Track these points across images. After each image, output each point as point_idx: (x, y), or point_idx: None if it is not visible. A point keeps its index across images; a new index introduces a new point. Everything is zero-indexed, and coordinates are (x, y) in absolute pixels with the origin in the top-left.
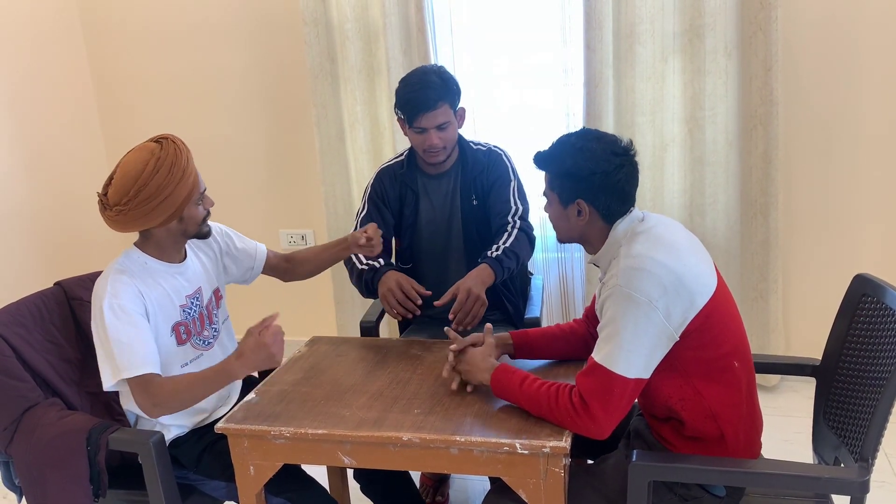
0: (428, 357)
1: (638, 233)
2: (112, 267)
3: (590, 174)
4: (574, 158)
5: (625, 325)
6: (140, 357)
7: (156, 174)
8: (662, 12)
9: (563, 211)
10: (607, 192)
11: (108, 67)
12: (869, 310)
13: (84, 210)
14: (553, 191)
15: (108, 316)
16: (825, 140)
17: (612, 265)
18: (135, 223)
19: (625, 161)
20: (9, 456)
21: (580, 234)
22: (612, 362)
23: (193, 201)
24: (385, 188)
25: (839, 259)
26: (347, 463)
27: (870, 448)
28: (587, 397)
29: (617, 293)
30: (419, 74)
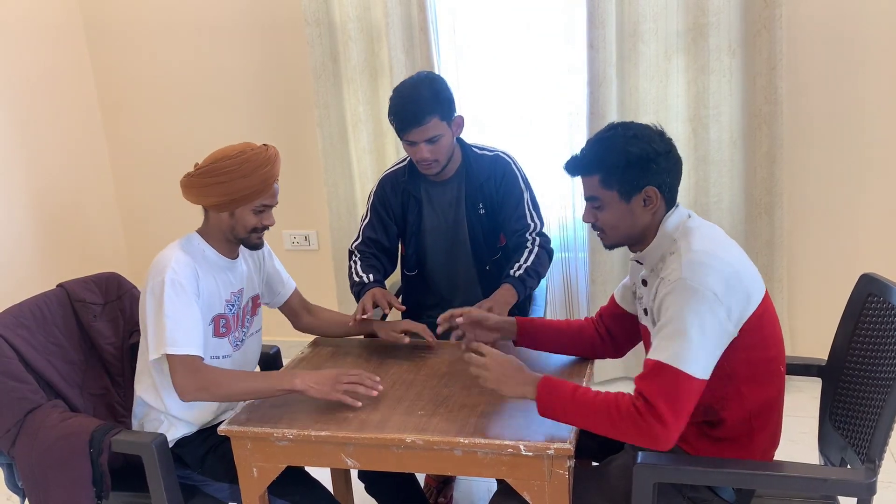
0: (431, 358)
1: (691, 228)
2: (175, 246)
3: (654, 156)
4: (634, 145)
5: (691, 322)
6: (189, 337)
7: (231, 159)
8: (666, 11)
9: (626, 207)
10: (670, 173)
11: (111, 68)
12: (875, 309)
13: (87, 212)
14: (610, 189)
15: (168, 289)
16: (830, 139)
17: (669, 260)
18: (192, 191)
19: (671, 143)
20: (11, 458)
21: (643, 228)
22: (680, 361)
23: (251, 206)
24: (387, 195)
25: (845, 258)
26: (351, 465)
27: (877, 449)
28: (653, 400)
29: (680, 287)
30: (410, 88)
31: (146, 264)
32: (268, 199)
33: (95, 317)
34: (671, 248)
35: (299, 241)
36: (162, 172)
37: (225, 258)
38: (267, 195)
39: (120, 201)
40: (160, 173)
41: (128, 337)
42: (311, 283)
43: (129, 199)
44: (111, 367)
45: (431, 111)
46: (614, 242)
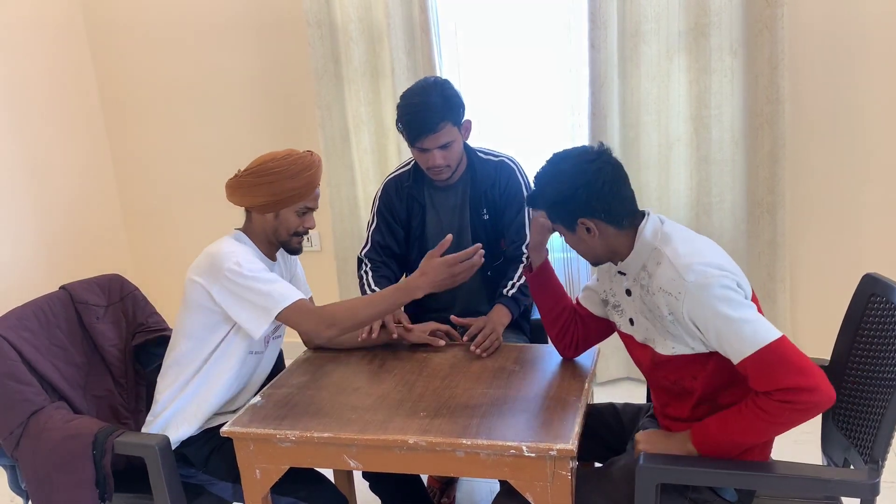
0: (434, 359)
1: (669, 234)
2: (229, 239)
3: (572, 192)
4: (552, 186)
5: (729, 307)
6: (289, 289)
7: (278, 160)
8: (667, 11)
9: (573, 237)
10: (598, 199)
11: (113, 70)
12: (878, 310)
13: (90, 214)
14: (556, 223)
15: (249, 266)
16: (832, 138)
17: (658, 271)
18: (241, 192)
19: (600, 165)
20: (15, 460)
21: (603, 249)
22: (760, 339)
23: (295, 207)
24: (392, 199)
25: (847, 258)
26: (353, 466)
27: (880, 449)
28: (786, 383)
29: (693, 291)
30: (420, 93)
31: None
32: (311, 201)
33: (98, 319)
34: (655, 258)
35: None
36: (164, 174)
37: (267, 259)
38: (310, 197)
39: (123, 203)
40: (163, 175)
41: (130, 339)
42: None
43: (131, 200)
44: (114, 369)
45: (444, 117)
46: (592, 262)
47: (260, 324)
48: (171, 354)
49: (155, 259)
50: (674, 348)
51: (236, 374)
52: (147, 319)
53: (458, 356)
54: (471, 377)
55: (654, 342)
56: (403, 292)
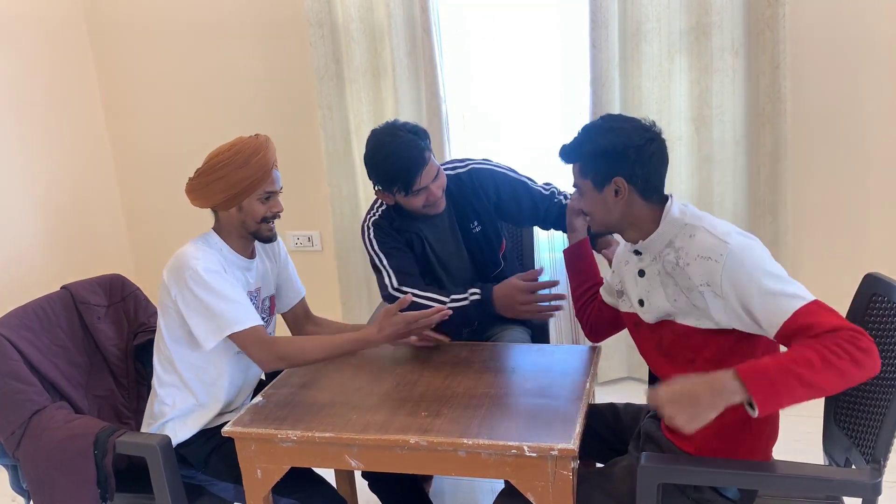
0: (435, 358)
1: (699, 214)
2: (195, 242)
3: (623, 149)
4: (605, 137)
5: (772, 268)
6: (247, 312)
7: (223, 154)
8: (669, 10)
9: (598, 196)
10: (642, 165)
11: (114, 69)
12: (879, 309)
13: (91, 213)
14: (586, 177)
15: (207, 276)
16: (834, 137)
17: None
18: (197, 194)
19: (654, 135)
20: (16, 459)
21: (620, 216)
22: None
23: (256, 195)
24: (390, 234)
25: (849, 258)
26: (354, 466)
27: (882, 449)
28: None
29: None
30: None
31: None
32: (269, 185)
33: (100, 318)
34: (686, 232)
35: (303, 241)
36: (166, 174)
37: (242, 257)
38: (267, 182)
39: (124, 202)
40: (164, 174)
41: (132, 338)
42: (315, 284)
43: (133, 200)
44: (115, 369)
45: (427, 148)
46: (598, 229)
47: (210, 338)
48: (159, 357)
49: (156, 259)
50: (697, 321)
51: (230, 376)
52: (148, 319)
53: (459, 356)
54: (472, 377)
55: (674, 315)
56: (357, 343)
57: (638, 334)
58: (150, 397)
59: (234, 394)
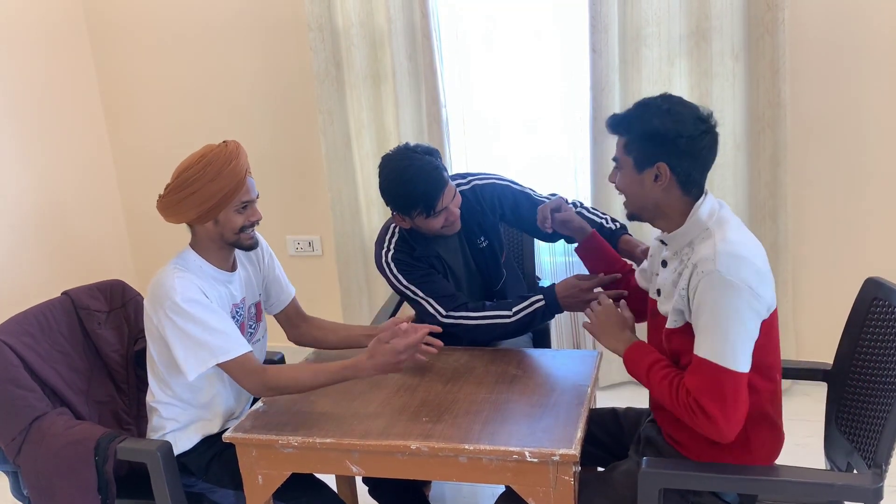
0: (436, 364)
1: (725, 219)
2: (172, 266)
3: (676, 136)
4: (661, 119)
5: (727, 315)
6: (233, 340)
7: (193, 168)
8: (668, 15)
9: (637, 176)
10: (690, 157)
11: (115, 74)
12: (880, 314)
13: (91, 219)
14: (629, 154)
15: (189, 307)
16: (834, 142)
17: (700, 247)
18: (169, 211)
19: (709, 128)
20: (17, 466)
21: (654, 203)
22: (719, 357)
23: (232, 206)
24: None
25: (850, 262)
26: (356, 472)
27: (883, 454)
28: (698, 397)
29: (717, 280)
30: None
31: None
32: (244, 194)
33: (100, 324)
34: (704, 236)
35: (303, 246)
36: (166, 179)
37: (221, 271)
38: (242, 191)
39: (124, 208)
40: (164, 180)
41: (132, 344)
42: (316, 288)
43: (133, 206)
44: (116, 375)
45: (442, 167)
46: (631, 211)
47: (194, 369)
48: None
49: (157, 264)
50: (675, 320)
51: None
52: None
53: (460, 361)
54: (473, 382)
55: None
56: (349, 371)
57: (653, 324)
58: (147, 412)
59: (234, 405)
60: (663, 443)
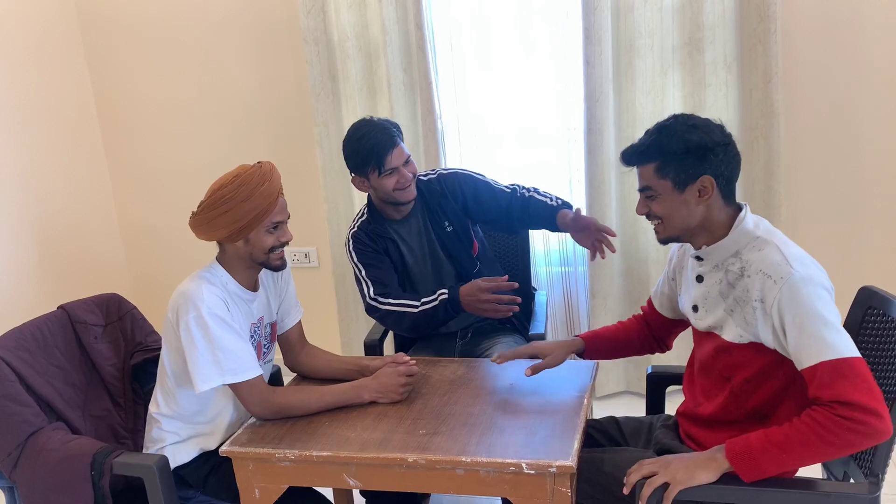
0: (433, 375)
1: (773, 230)
2: (201, 276)
3: (713, 145)
4: (692, 133)
5: (825, 310)
6: (247, 363)
7: (227, 186)
8: (661, 26)
9: (679, 197)
10: (729, 164)
11: (111, 86)
12: (875, 323)
13: (88, 232)
14: (665, 178)
15: (211, 323)
16: (827, 151)
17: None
18: (201, 229)
19: (730, 135)
20: (13, 481)
21: (700, 220)
22: (843, 350)
23: (263, 227)
24: (367, 244)
25: (844, 271)
26: (353, 485)
27: (880, 463)
28: (854, 399)
29: (798, 282)
30: (365, 127)
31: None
32: (277, 215)
33: (97, 338)
34: (757, 245)
35: (299, 258)
36: (163, 192)
37: (245, 290)
38: (275, 211)
39: (121, 222)
40: (161, 193)
41: (129, 358)
42: (312, 300)
43: (129, 219)
44: (112, 389)
45: (399, 135)
46: (669, 235)
47: (205, 382)
48: (162, 385)
49: (153, 278)
50: (741, 336)
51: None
52: (145, 338)
53: (456, 373)
54: (469, 394)
55: (721, 329)
56: (353, 392)
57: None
58: (147, 421)
59: (236, 422)
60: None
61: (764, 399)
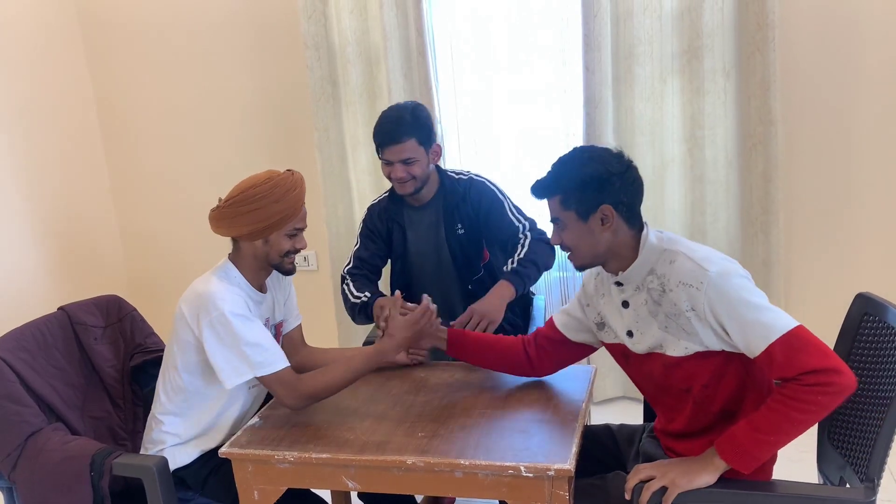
0: (431, 379)
1: (673, 238)
2: (217, 277)
3: (608, 176)
4: (588, 166)
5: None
6: (274, 354)
7: (259, 187)
8: (661, 34)
9: (584, 226)
10: (626, 192)
11: (111, 92)
12: (871, 329)
13: (88, 234)
14: (568, 209)
15: (234, 321)
16: (825, 158)
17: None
18: (223, 223)
19: (630, 162)
20: (12, 482)
21: (606, 246)
22: (782, 326)
23: (284, 230)
24: (374, 222)
25: (841, 278)
26: (352, 487)
27: (876, 468)
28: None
29: (716, 280)
30: (395, 110)
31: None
32: (299, 221)
33: (96, 339)
34: (666, 258)
35: (298, 261)
36: (162, 195)
37: (256, 291)
38: (298, 218)
39: (120, 224)
40: (161, 196)
41: (128, 359)
42: (311, 303)
43: (129, 221)
44: (112, 390)
45: (410, 133)
46: (582, 263)
47: (235, 378)
48: (166, 384)
49: (152, 279)
50: (686, 348)
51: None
52: (145, 340)
53: (455, 376)
54: (468, 397)
55: (663, 347)
56: (375, 357)
57: (628, 365)
58: (148, 422)
59: (239, 423)
60: (664, 457)
61: (727, 398)
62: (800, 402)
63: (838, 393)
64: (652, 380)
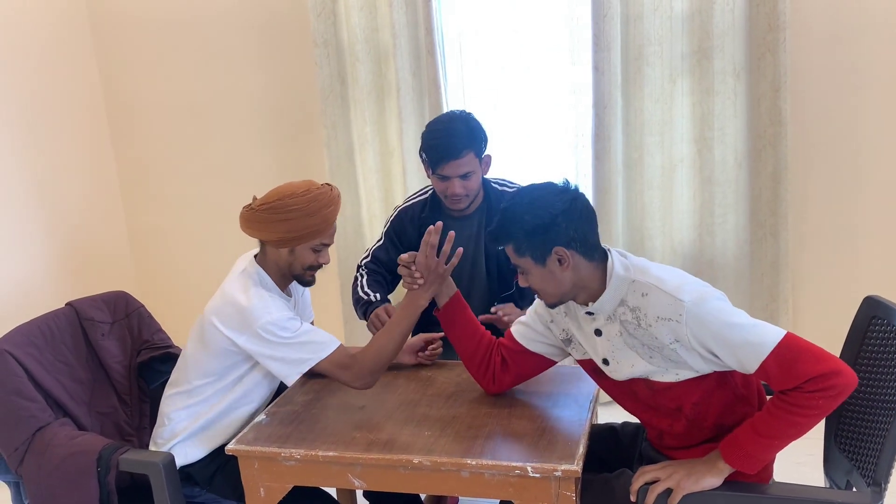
0: (438, 378)
1: (639, 265)
2: (253, 282)
3: (552, 219)
4: (530, 213)
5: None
6: (324, 336)
7: (297, 197)
8: (671, 34)
9: (543, 270)
10: (576, 227)
11: (120, 88)
12: (879, 332)
13: (96, 231)
14: (524, 256)
15: (282, 323)
16: (834, 160)
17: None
18: (254, 225)
19: (574, 195)
20: (19, 476)
21: (571, 284)
22: (770, 340)
23: (311, 244)
24: (405, 227)
25: (849, 280)
26: (358, 485)
27: (883, 472)
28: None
29: (695, 309)
30: (446, 121)
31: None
32: (327, 237)
33: (104, 335)
34: (637, 290)
35: None
36: (170, 192)
37: (285, 295)
38: (327, 234)
39: (128, 220)
40: (169, 193)
41: (135, 355)
42: (317, 302)
43: (137, 217)
44: (119, 386)
45: (468, 146)
46: (552, 301)
47: (293, 374)
48: (182, 384)
49: (160, 276)
50: (678, 374)
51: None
52: (152, 336)
53: (462, 375)
54: (475, 396)
55: (650, 375)
56: (410, 310)
57: (602, 380)
58: (159, 418)
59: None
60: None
61: (720, 412)
62: (802, 407)
63: (840, 394)
64: (636, 399)
